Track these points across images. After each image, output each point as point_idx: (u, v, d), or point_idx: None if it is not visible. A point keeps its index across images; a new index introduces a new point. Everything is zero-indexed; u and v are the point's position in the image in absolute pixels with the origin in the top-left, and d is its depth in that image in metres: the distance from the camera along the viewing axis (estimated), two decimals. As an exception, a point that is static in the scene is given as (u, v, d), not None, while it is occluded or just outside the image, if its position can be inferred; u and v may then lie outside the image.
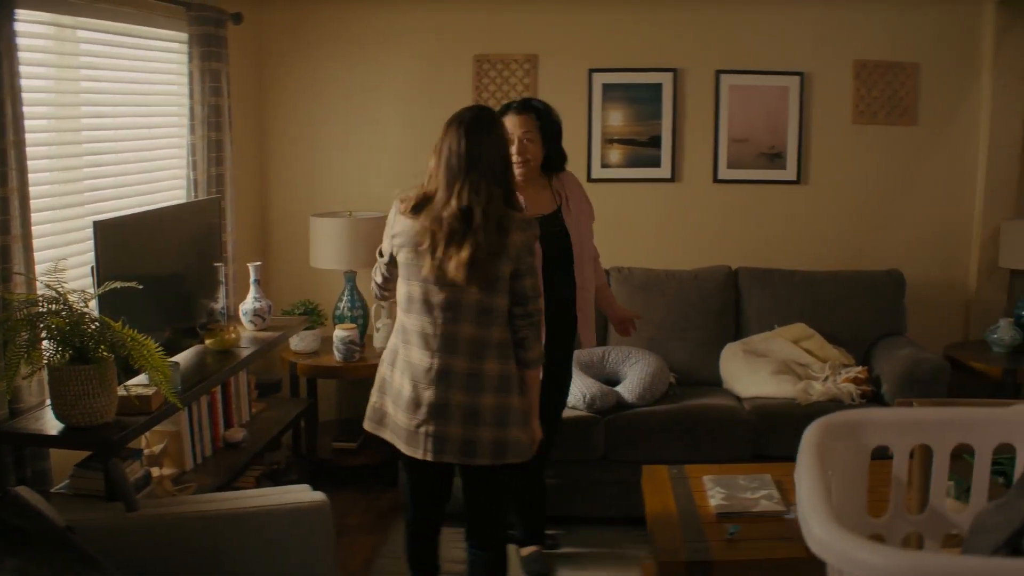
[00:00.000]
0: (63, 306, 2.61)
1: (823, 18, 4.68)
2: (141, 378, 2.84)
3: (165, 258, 3.41)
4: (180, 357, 3.28)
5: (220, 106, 4.03)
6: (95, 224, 2.91)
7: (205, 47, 3.91)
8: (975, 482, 1.91)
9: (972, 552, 1.66)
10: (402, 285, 2.74)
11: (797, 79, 4.69)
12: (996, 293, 4.74)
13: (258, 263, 3.91)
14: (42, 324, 2.59)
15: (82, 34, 3.37)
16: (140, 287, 2.82)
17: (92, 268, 2.93)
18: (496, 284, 2.63)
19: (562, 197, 3.39)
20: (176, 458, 3.40)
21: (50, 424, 2.71)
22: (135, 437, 2.84)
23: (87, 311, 2.67)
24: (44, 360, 2.63)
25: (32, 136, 2.95)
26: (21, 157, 2.78)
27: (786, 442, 3.05)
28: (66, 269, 2.81)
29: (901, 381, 3.98)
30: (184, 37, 3.92)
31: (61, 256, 2.99)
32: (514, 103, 3.36)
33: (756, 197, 4.79)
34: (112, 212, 3.43)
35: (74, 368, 2.60)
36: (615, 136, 4.77)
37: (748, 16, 4.69)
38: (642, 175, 4.78)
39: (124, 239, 3.08)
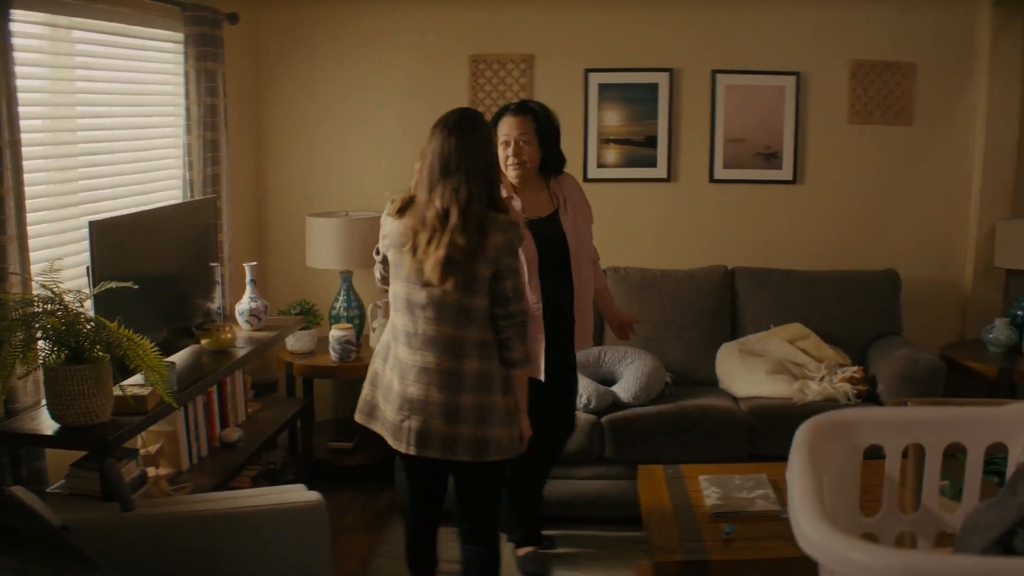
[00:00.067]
0: (59, 306, 2.61)
1: (819, 18, 4.68)
2: (137, 378, 2.84)
3: (161, 258, 3.41)
4: (176, 357, 3.28)
5: (216, 106, 4.03)
6: (91, 224, 2.91)
7: (201, 47, 3.91)
8: (967, 481, 1.91)
9: (963, 551, 1.66)
10: (391, 284, 2.83)
11: (793, 79, 4.69)
12: (992, 293, 4.74)
13: (254, 263, 3.91)
14: (38, 324, 2.59)
15: (77, 34, 3.37)
16: (136, 287, 2.82)
17: (88, 268, 2.93)
18: (475, 285, 2.66)
19: (560, 199, 3.39)
20: (172, 458, 3.40)
21: (46, 424, 2.71)
22: (131, 437, 2.84)
23: (83, 311, 2.67)
24: (40, 360, 2.64)
25: (28, 136, 2.96)
26: (16, 157, 2.78)
27: (782, 442, 3.00)
28: (62, 269, 2.82)
29: (897, 381, 3.98)
30: (180, 37, 3.92)
31: (57, 256, 3.00)
32: (512, 105, 3.36)
33: (752, 197, 4.79)
34: (108, 212, 3.43)
35: (70, 368, 2.60)
36: (611, 136, 4.77)
37: (744, 16, 4.70)
38: (638, 175, 4.78)
39: (120, 239, 3.08)
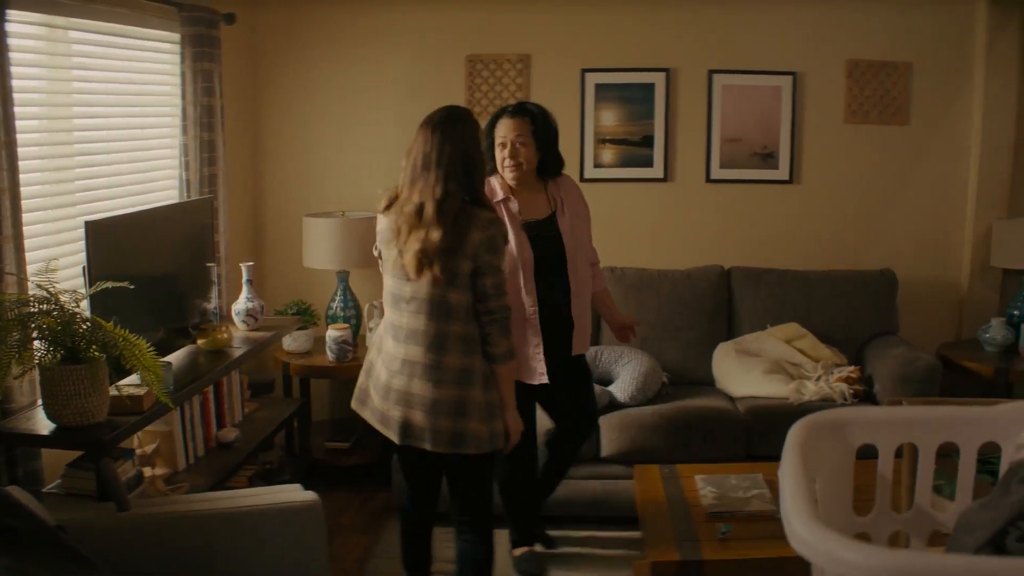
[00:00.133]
0: (54, 306, 2.61)
1: (815, 18, 4.68)
2: (133, 378, 2.85)
3: (157, 258, 3.41)
4: (172, 357, 3.28)
5: (213, 106, 4.03)
6: (87, 224, 2.91)
7: (198, 47, 3.91)
8: (960, 481, 1.92)
9: (956, 550, 1.66)
10: (383, 278, 2.90)
11: (790, 79, 4.69)
12: (988, 292, 4.75)
13: (251, 263, 3.91)
14: (33, 324, 2.59)
15: (74, 35, 3.37)
16: (132, 287, 2.82)
17: (84, 268, 2.93)
18: (454, 280, 2.69)
19: (558, 202, 3.39)
20: (168, 458, 3.40)
21: (41, 424, 2.71)
22: (127, 437, 2.84)
23: (79, 311, 2.67)
24: (35, 360, 2.64)
25: (24, 136, 2.96)
26: (12, 157, 2.78)
27: (778, 442, 2.98)
28: (58, 269, 2.81)
29: (894, 381, 3.99)
30: (176, 37, 3.92)
31: (53, 256, 2.99)
32: (509, 107, 3.37)
33: (749, 197, 4.79)
34: (104, 212, 3.44)
35: (65, 368, 2.61)
36: (608, 136, 4.78)
37: (740, 16, 4.70)
38: (635, 175, 4.78)
39: (116, 239, 3.08)
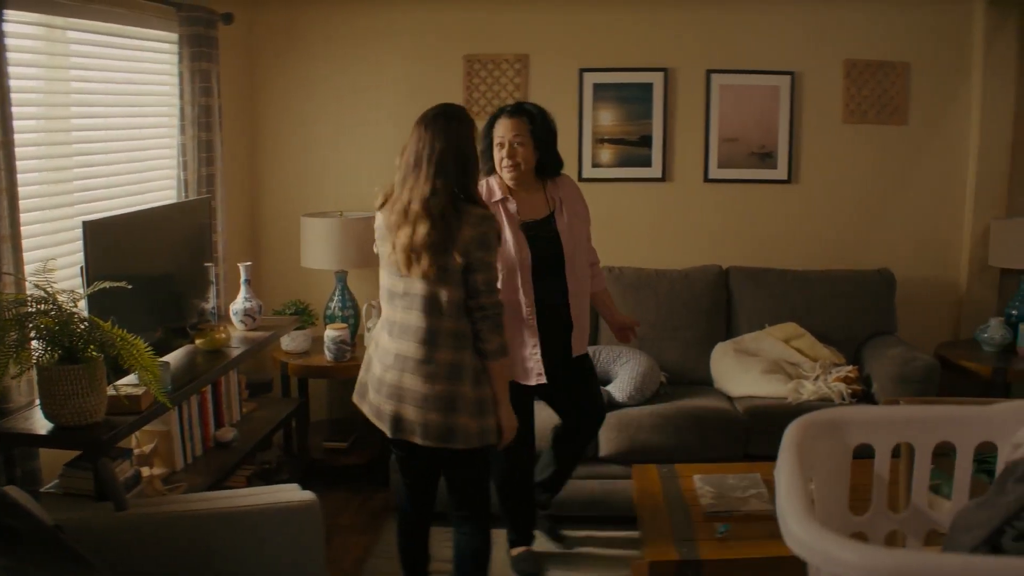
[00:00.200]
0: (52, 306, 2.61)
1: (814, 18, 4.68)
2: (131, 378, 2.85)
3: (155, 258, 3.41)
4: (170, 357, 3.28)
5: (210, 106, 4.03)
6: (84, 224, 2.91)
7: (195, 47, 3.91)
8: (956, 480, 1.92)
9: (952, 550, 1.67)
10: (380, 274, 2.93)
11: (788, 78, 4.69)
12: (986, 292, 4.75)
13: (249, 263, 3.91)
14: (31, 324, 2.59)
15: (72, 35, 3.37)
16: (130, 287, 2.82)
17: (81, 268, 2.93)
18: (445, 276, 2.70)
19: (556, 202, 3.39)
20: (166, 458, 3.40)
21: (39, 424, 2.71)
22: (124, 437, 2.84)
23: (76, 311, 2.67)
24: (33, 360, 2.63)
25: (22, 136, 2.96)
26: (10, 157, 2.78)
27: (777, 442, 2.97)
28: (55, 269, 2.82)
29: (892, 381, 3.99)
30: (175, 37, 3.92)
31: (51, 256, 2.99)
32: (508, 107, 3.37)
33: (747, 196, 4.80)
34: (102, 212, 3.44)
35: (63, 368, 2.61)
36: (606, 136, 4.78)
37: (739, 16, 4.70)
38: (633, 175, 4.79)
39: (114, 239, 3.08)
